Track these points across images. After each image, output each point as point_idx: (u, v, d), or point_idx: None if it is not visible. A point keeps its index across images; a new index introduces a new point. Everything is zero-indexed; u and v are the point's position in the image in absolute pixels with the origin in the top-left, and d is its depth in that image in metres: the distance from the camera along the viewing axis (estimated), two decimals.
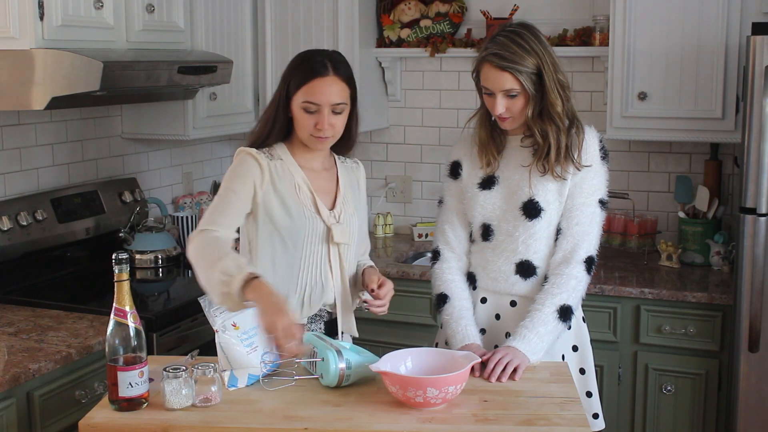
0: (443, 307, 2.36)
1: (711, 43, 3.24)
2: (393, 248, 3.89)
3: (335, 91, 2.20)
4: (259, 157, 2.23)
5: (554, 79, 2.22)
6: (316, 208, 2.26)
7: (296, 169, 2.27)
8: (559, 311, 2.23)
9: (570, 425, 1.83)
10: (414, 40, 3.90)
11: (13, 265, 3.00)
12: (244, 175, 2.22)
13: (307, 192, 2.26)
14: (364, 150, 4.15)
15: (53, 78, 2.65)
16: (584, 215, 2.29)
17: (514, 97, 2.22)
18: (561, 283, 2.26)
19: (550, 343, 2.24)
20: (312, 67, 2.20)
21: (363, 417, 1.86)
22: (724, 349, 3.11)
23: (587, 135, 2.30)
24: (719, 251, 3.41)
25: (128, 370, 1.87)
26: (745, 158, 2.93)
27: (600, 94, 3.74)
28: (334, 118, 2.21)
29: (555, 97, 2.22)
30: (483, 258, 2.39)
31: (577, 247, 2.28)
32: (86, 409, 2.12)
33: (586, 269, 2.29)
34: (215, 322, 2.00)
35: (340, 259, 2.29)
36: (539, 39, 2.23)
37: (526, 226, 2.29)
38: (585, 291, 2.32)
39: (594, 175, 2.30)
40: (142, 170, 3.71)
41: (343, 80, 2.22)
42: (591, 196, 2.30)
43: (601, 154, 2.31)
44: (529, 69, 2.19)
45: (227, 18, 3.63)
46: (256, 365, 2.02)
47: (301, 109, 2.20)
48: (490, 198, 2.34)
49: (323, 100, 2.18)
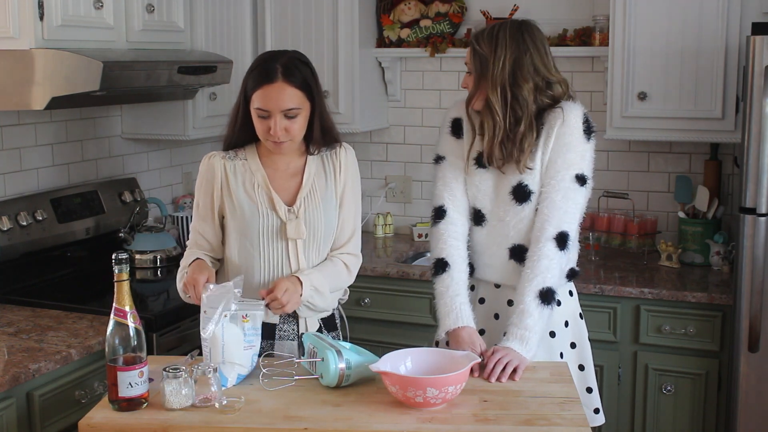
0: (441, 276, 2.32)
1: (711, 43, 3.23)
2: (393, 248, 3.89)
3: (285, 97, 2.20)
4: (215, 161, 2.33)
5: (515, 66, 2.25)
6: (272, 205, 2.28)
7: (258, 168, 2.31)
8: (540, 296, 2.20)
9: (570, 425, 1.83)
10: (414, 40, 3.90)
11: (13, 265, 3.00)
12: (203, 185, 2.34)
13: (264, 190, 2.29)
14: (364, 150, 4.16)
15: (53, 78, 2.65)
16: (555, 190, 2.25)
17: (469, 75, 2.33)
18: (533, 266, 2.23)
19: (542, 330, 2.22)
20: (262, 74, 2.22)
21: (363, 417, 1.87)
22: (724, 349, 3.11)
23: (568, 112, 2.26)
24: (719, 251, 3.41)
25: (128, 370, 1.87)
26: (744, 158, 2.93)
27: (600, 94, 3.74)
28: (287, 122, 2.22)
29: (523, 83, 2.25)
30: (478, 245, 2.39)
31: (545, 224, 2.24)
32: (86, 409, 2.12)
33: (557, 246, 2.23)
34: (230, 308, 2.02)
35: (298, 255, 2.29)
36: (518, 32, 2.29)
37: (516, 210, 2.30)
38: (562, 267, 2.27)
39: (568, 150, 2.25)
40: (141, 170, 3.71)
41: (293, 85, 2.21)
42: (564, 171, 2.25)
43: (583, 128, 2.27)
44: (482, 51, 2.28)
45: (227, 18, 3.63)
46: (245, 364, 2.04)
47: (255, 114, 2.24)
48: (484, 179, 2.34)
49: (272, 107, 2.20)
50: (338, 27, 3.73)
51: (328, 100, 3.77)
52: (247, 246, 2.29)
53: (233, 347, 2.02)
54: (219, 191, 2.31)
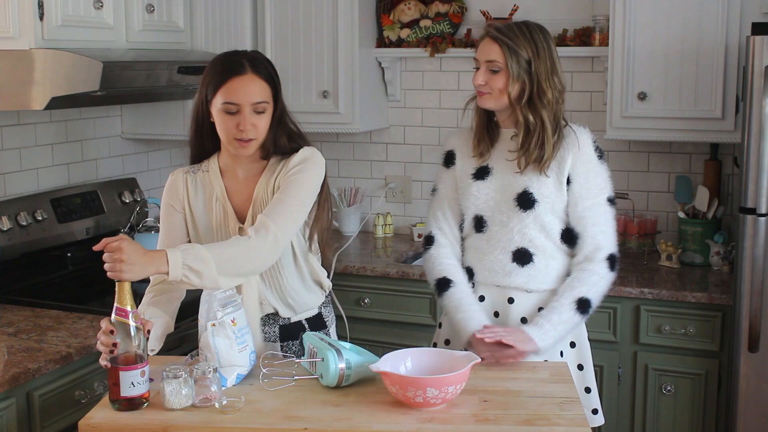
0: (447, 292, 2.38)
1: (711, 43, 3.23)
2: (393, 248, 3.89)
3: (255, 89, 2.14)
4: (178, 177, 2.27)
5: (548, 71, 2.28)
6: (226, 221, 2.24)
7: (217, 180, 2.25)
8: (578, 303, 2.28)
9: (570, 425, 1.83)
10: (414, 40, 3.90)
11: (13, 265, 3.00)
12: (167, 206, 2.28)
13: (221, 206, 2.24)
14: (364, 150, 4.16)
15: (53, 78, 2.65)
16: (598, 215, 2.33)
17: (496, 73, 2.29)
18: (582, 277, 2.31)
19: (564, 332, 2.28)
20: (229, 67, 2.15)
21: (363, 417, 1.86)
22: (723, 349, 3.11)
23: (581, 136, 2.33)
24: (719, 251, 3.41)
25: (130, 370, 1.87)
26: (744, 158, 2.93)
27: (600, 94, 3.74)
28: (255, 118, 2.15)
29: (547, 87, 2.28)
30: (478, 251, 2.42)
31: (598, 248, 2.32)
32: (86, 409, 2.12)
33: (609, 267, 2.32)
34: (216, 316, 2.01)
35: None
36: (544, 35, 2.32)
37: (521, 216, 2.33)
38: (607, 288, 2.35)
39: (596, 175, 2.34)
40: (142, 170, 3.71)
41: (262, 78, 2.16)
42: (599, 196, 2.34)
43: (597, 154, 2.35)
44: (517, 49, 2.26)
45: (227, 18, 3.63)
46: (243, 364, 2.05)
47: (221, 111, 2.14)
48: (484, 189, 2.38)
49: (243, 100, 2.13)
50: (338, 27, 3.73)
51: (329, 100, 3.78)
52: None
53: (228, 352, 2.02)
54: (182, 208, 2.27)
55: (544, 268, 2.34)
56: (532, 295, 2.36)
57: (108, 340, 1.89)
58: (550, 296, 2.33)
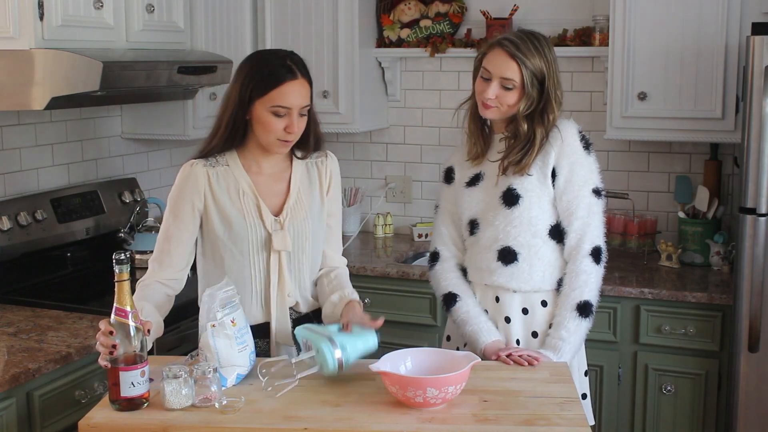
0: (454, 307, 2.42)
1: (711, 43, 3.23)
2: (393, 248, 3.89)
3: (304, 93, 2.19)
4: (198, 168, 2.22)
5: (555, 87, 2.32)
6: (259, 214, 2.23)
7: (242, 174, 2.25)
8: (578, 309, 2.29)
9: (570, 425, 1.83)
10: (414, 40, 3.90)
11: (13, 265, 3.00)
12: (184, 195, 2.23)
13: (251, 197, 2.24)
14: (364, 150, 4.16)
15: (53, 78, 2.65)
16: (580, 208, 2.32)
17: (509, 90, 2.29)
18: (571, 281, 2.32)
19: (578, 341, 2.31)
20: (279, 71, 2.16)
21: (363, 417, 1.87)
22: (723, 349, 3.11)
23: (564, 129, 2.34)
24: (719, 251, 3.41)
25: (130, 370, 1.87)
26: (744, 158, 2.93)
27: (600, 94, 3.74)
28: (300, 120, 2.20)
29: (553, 105, 2.31)
30: (471, 252, 2.45)
31: (581, 242, 2.32)
32: (86, 409, 2.12)
33: (593, 261, 2.32)
34: (216, 316, 2.01)
35: (280, 267, 2.25)
36: (551, 48, 2.33)
37: (505, 213, 2.34)
38: (599, 281, 2.35)
39: (580, 167, 2.33)
40: (142, 170, 3.71)
41: (308, 82, 2.21)
42: (583, 188, 2.33)
43: (582, 145, 2.35)
44: (534, 69, 2.27)
45: (227, 18, 3.63)
46: (243, 364, 2.05)
47: (269, 113, 2.16)
48: (475, 194, 2.41)
49: (294, 103, 2.16)
50: (338, 27, 3.73)
51: (329, 100, 3.78)
52: (236, 257, 2.23)
53: (228, 353, 2.02)
54: (202, 201, 2.23)
55: (528, 268, 2.35)
56: (516, 295, 2.37)
57: (107, 341, 1.89)
58: (535, 297, 2.36)
